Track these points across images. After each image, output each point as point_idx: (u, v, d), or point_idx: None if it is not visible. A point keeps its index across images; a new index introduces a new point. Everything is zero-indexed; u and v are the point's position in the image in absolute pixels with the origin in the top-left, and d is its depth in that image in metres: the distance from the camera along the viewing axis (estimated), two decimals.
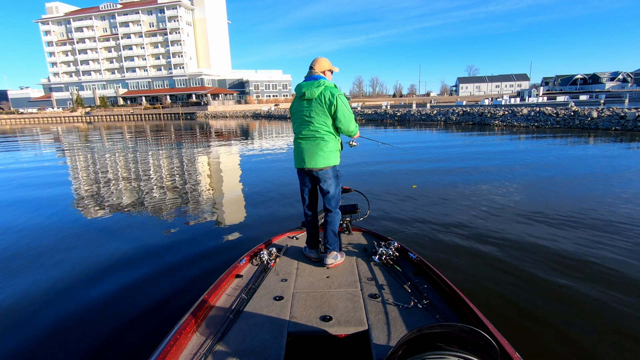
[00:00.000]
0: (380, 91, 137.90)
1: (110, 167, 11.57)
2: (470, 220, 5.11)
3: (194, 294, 3.19)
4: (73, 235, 5.09)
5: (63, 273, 3.91)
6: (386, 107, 44.50)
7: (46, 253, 4.48)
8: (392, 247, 2.82)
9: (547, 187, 7.05)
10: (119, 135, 26.23)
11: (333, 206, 2.91)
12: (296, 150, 2.86)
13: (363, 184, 7.70)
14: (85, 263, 4.16)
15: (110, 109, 68.23)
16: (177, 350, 1.77)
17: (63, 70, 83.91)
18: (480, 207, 5.78)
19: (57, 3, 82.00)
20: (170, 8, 74.31)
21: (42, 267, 4.09)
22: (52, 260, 4.25)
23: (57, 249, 4.59)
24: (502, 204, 5.94)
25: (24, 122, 59.70)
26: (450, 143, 15.71)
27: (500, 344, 1.60)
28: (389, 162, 10.67)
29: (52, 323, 3.00)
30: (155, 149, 16.66)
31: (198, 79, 74.41)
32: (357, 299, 2.28)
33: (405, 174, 8.82)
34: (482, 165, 9.74)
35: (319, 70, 2.81)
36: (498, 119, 24.92)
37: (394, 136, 19.90)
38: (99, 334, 2.82)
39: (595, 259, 3.81)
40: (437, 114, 30.65)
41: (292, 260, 2.92)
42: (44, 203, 7.00)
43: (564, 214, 5.29)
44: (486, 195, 6.50)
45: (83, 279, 3.79)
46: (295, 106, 2.85)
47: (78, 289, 3.58)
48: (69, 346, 2.71)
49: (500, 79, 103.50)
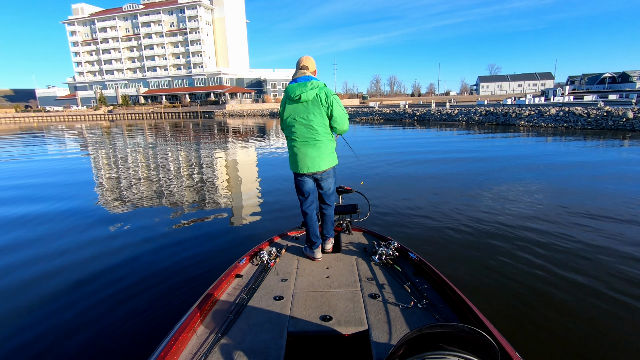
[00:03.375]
0: (398, 90, 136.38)
1: (126, 162, 11.67)
2: (471, 221, 5.10)
3: (194, 293, 3.24)
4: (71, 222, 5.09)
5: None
6: (404, 106, 43.75)
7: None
8: (392, 247, 2.81)
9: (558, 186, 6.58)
10: (139, 132, 26.68)
11: (331, 201, 3.02)
12: (296, 155, 2.80)
13: (363, 184, 7.69)
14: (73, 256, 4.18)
15: (132, 107, 69.82)
16: (177, 350, 1.76)
17: (87, 69, 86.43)
18: (480, 207, 5.77)
19: (82, 4, 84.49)
20: (190, 8, 75.40)
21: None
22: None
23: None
24: (509, 205, 5.88)
25: (50, 120, 61.73)
26: (487, 148, 15.10)
27: (500, 344, 1.59)
28: (390, 162, 10.46)
29: (49, 321, 3.00)
30: (170, 146, 16.76)
31: (216, 78, 75.24)
32: (357, 298, 2.27)
33: (408, 174, 8.64)
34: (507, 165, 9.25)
35: (311, 70, 2.77)
36: (524, 119, 23.98)
37: (414, 136, 19.40)
38: (97, 334, 2.81)
39: (597, 260, 3.79)
40: (459, 114, 29.82)
41: (292, 260, 2.91)
42: (58, 194, 7.05)
43: (575, 218, 5.13)
44: (492, 196, 6.44)
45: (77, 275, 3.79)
46: (289, 110, 2.75)
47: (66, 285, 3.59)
48: (64, 344, 2.72)
49: (523, 78, 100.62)
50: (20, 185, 8.79)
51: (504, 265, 3.75)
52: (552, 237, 4.46)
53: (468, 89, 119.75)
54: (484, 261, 3.85)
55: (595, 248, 4.11)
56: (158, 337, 1.90)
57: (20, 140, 23.76)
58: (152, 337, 2.67)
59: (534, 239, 4.41)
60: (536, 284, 3.37)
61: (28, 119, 63.47)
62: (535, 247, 4.18)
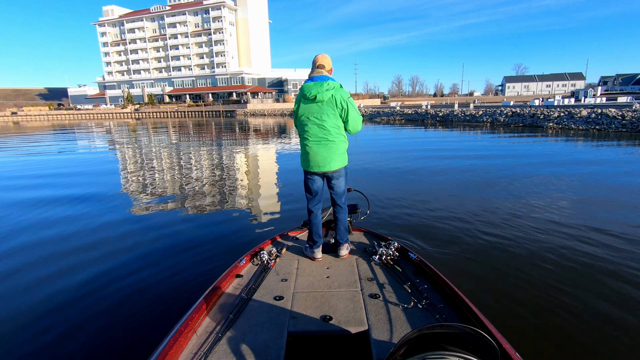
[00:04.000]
0: (421, 90, 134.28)
1: (147, 158, 11.96)
2: (471, 221, 5.09)
3: (194, 293, 3.24)
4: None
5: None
6: (426, 107, 42.97)
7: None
8: (392, 247, 2.81)
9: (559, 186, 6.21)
10: (163, 130, 27.36)
11: (343, 202, 2.98)
12: (308, 154, 2.81)
13: (363, 184, 7.59)
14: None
15: (157, 106, 71.80)
16: (177, 350, 1.76)
17: (116, 69, 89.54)
18: (482, 207, 5.74)
19: (112, 6, 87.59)
20: (215, 9, 76.81)
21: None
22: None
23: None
24: (507, 207, 5.85)
25: (81, 118, 64.36)
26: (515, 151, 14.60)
27: (500, 344, 1.59)
28: (393, 160, 10.23)
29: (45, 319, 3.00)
30: (192, 144, 17.06)
31: (239, 78, 76.32)
32: (357, 299, 2.27)
33: (411, 174, 8.41)
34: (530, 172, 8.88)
35: (327, 68, 2.78)
36: (552, 121, 23.06)
37: (434, 136, 19.00)
38: (96, 334, 2.81)
39: (598, 261, 3.77)
40: (483, 115, 29.01)
41: (292, 260, 2.91)
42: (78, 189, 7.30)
43: (580, 222, 4.94)
44: (495, 199, 6.37)
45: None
46: (303, 108, 2.77)
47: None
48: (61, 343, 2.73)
49: (552, 78, 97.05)
50: (43, 176, 9.22)
51: (505, 265, 3.75)
52: (554, 237, 4.42)
53: (493, 90, 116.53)
54: (484, 261, 3.85)
55: (599, 251, 4.07)
56: (158, 337, 1.90)
57: (54, 137, 24.85)
58: (151, 337, 2.66)
59: (536, 240, 4.37)
60: (536, 283, 3.36)
61: (60, 116, 66.41)
62: (536, 247, 4.15)
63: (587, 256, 3.91)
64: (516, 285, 3.36)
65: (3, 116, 66.30)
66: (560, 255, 3.94)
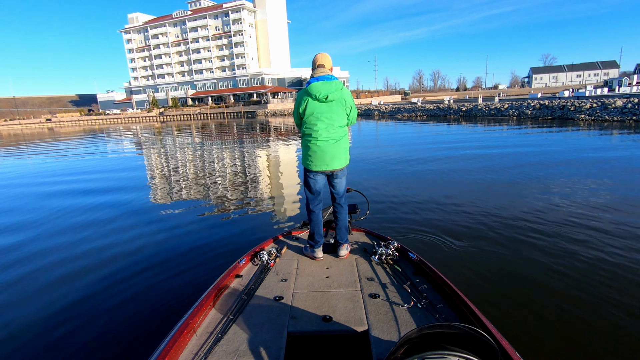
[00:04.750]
0: (442, 85, 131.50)
1: (171, 160, 12.26)
2: (471, 221, 4.99)
3: (194, 293, 3.24)
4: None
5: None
6: (449, 101, 41.96)
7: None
8: (392, 247, 2.80)
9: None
10: (187, 132, 28.01)
11: (343, 201, 3.00)
12: (316, 152, 2.81)
13: (363, 184, 7.54)
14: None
15: (181, 109, 73.68)
16: (177, 350, 1.76)
17: (141, 74, 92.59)
18: (482, 208, 5.56)
19: (137, 13, 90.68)
20: (234, 11, 77.96)
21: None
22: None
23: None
24: (503, 204, 5.71)
25: (109, 122, 66.89)
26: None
27: (500, 344, 1.58)
28: (394, 160, 9.99)
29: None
30: (215, 144, 17.37)
31: (259, 79, 77.15)
32: (357, 299, 2.27)
33: (413, 174, 8.17)
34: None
35: (328, 67, 2.79)
36: (584, 113, 21.98)
37: (456, 131, 18.48)
38: (95, 334, 2.82)
39: (598, 261, 3.72)
40: (509, 108, 28.02)
41: (292, 260, 2.91)
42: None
43: (576, 219, 4.77)
44: (492, 196, 6.24)
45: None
46: (312, 108, 2.77)
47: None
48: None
49: (582, 68, 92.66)
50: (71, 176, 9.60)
51: (505, 265, 3.72)
52: (554, 237, 4.34)
53: (519, 82, 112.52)
54: (484, 261, 3.82)
55: (599, 247, 4.03)
56: (158, 338, 1.90)
57: (85, 141, 25.96)
58: (151, 338, 2.66)
59: (537, 240, 4.29)
60: (536, 283, 3.33)
61: (90, 121, 69.32)
62: (536, 247, 4.10)
63: (588, 256, 3.82)
64: (516, 286, 3.33)
65: (38, 122, 70.05)
66: (561, 256, 3.86)
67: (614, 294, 3.10)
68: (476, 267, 3.69)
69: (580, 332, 2.64)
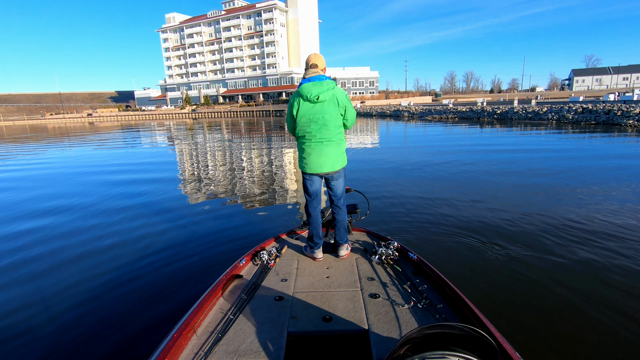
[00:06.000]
0: (476, 87, 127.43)
1: (201, 155, 12.53)
2: (471, 221, 5.01)
3: (193, 293, 3.23)
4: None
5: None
6: (482, 103, 40.52)
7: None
8: (392, 247, 2.80)
9: None
10: (218, 129, 28.66)
11: (342, 203, 2.98)
12: (310, 155, 2.78)
13: (363, 184, 7.49)
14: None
15: (212, 106, 75.72)
16: (177, 350, 1.76)
17: (176, 72, 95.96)
18: (482, 208, 5.63)
19: (174, 14, 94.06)
20: (266, 11, 79.12)
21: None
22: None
23: None
24: (503, 204, 5.81)
25: (145, 118, 69.80)
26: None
27: (500, 344, 1.59)
28: (397, 160, 9.79)
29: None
30: (244, 142, 17.60)
31: (288, 78, 77.90)
32: (357, 299, 2.27)
33: (414, 174, 7.91)
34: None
35: (321, 67, 2.75)
36: (633, 118, 20.54)
37: (492, 136, 17.75)
38: (95, 334, 2.80)
39: (598, 261, 3.71)
40: (548, 112, 26.67)
41: (292, 260, 2.91)
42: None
43: (572, 217, 4.60)
44: (490, 196, 6.28)
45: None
46: (304, 110, 2.71)
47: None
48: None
49: (630, 70, 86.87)
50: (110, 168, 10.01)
51: (505, 265, 3.69)
52: (554, 237, 4.34)
53: (558, 84, 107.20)
54: (484, 261, 3.80)
55: (594, 250, 4.01)
56: (158, 338, 1.87)
57: (123, 134, 27.17)
58: (151, 338, 2.65)
59: (537, 240, 4.29)
60: (536, 284, 3.32)
61: (128, 117, 72.60)
62: (536, 247, 4.09)
63: (588, 256, 3.83)
64: (516, 286, 3.31)
65: (80, 117, 74.10)
66: (561, 256, 3.85)
67: (615, 293, 3.09)
68: (476, 267, 3.66)
69: (580, 332, 2.62)
